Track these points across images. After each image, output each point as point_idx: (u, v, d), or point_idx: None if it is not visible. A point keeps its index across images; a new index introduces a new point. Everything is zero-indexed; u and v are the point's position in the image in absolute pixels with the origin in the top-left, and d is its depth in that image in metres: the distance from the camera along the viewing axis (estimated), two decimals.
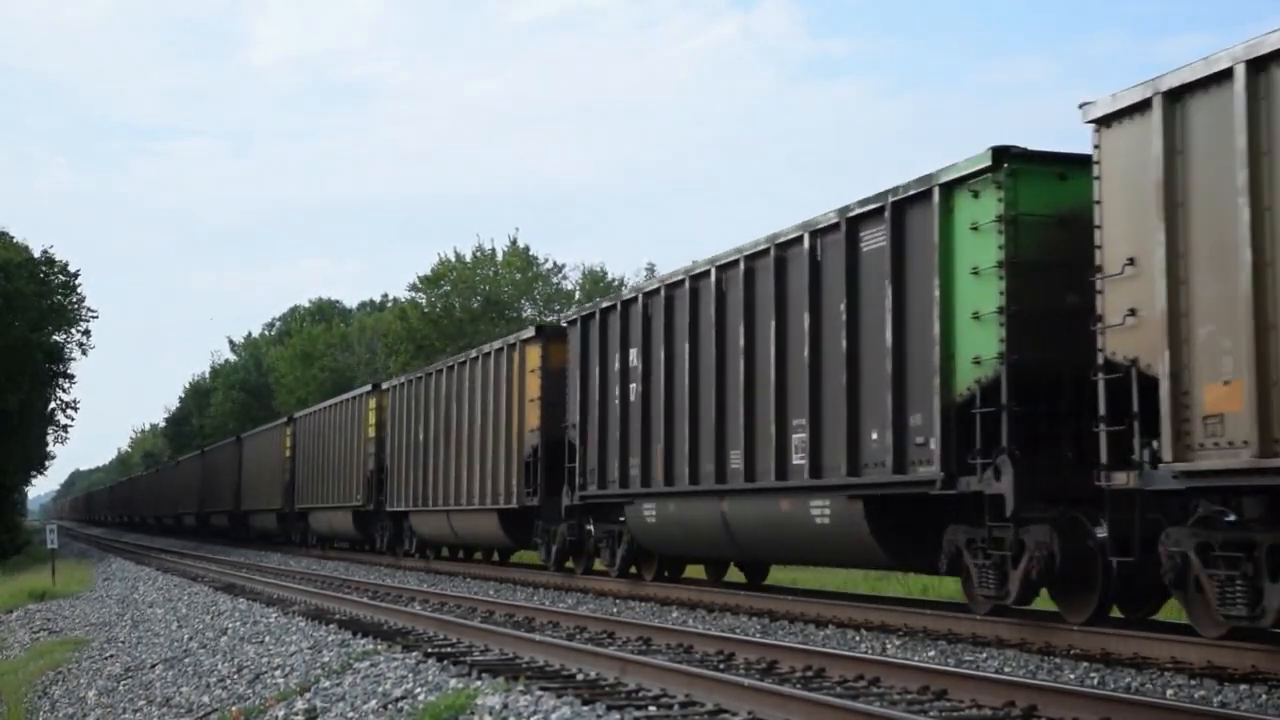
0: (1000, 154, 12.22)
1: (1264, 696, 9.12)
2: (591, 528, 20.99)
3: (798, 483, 14.78)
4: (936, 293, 12.73)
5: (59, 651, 17.83)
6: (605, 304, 20.38)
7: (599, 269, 55.20)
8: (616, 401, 19.47)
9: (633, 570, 20.31)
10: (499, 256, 53.91)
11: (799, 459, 14.84)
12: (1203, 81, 10.12)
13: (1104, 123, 11.15)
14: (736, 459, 16.07)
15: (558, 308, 51.38)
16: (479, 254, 53.88)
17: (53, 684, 15.58)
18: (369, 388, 34.00)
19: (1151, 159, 10.49)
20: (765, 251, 15.71)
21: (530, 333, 23.28)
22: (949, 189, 12.77)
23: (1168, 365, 10.40)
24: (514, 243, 54.21)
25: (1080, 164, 11.81)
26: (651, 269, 50.77)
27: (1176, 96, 10.38)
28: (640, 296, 18.86)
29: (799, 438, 14.88)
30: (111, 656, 16.24)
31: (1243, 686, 9.42)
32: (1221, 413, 10.05)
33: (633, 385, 19.02)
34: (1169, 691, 9.40)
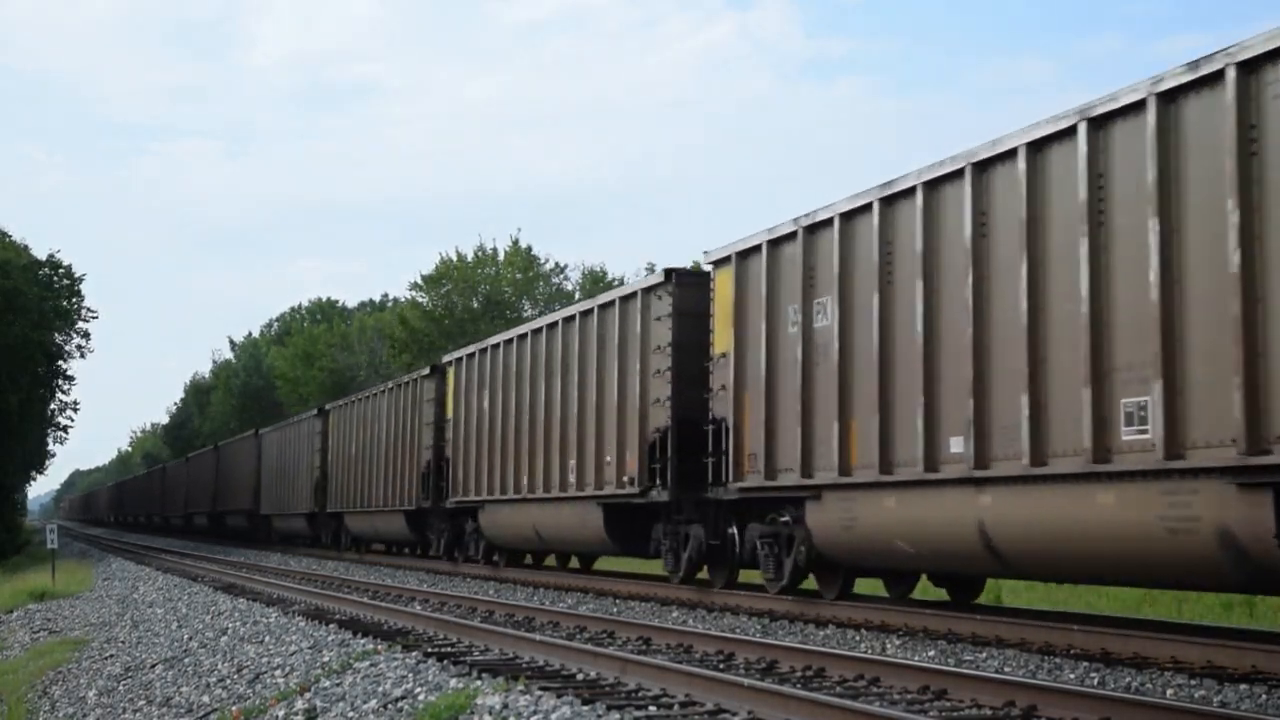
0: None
1: (1264, 696, 9.12)
2: None
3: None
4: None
5: (59, 651, 17.83)
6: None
7: (599, 269, 55.27)
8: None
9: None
10: (500, 256, 53.97)
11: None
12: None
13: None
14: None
15: (558, 307, 51.42)
16: (480, 254, 53.93)
17: (53, 684, 15.58)
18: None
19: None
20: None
21: None
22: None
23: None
24: (515, 242, 54.30)
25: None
26: (651, 268, 50.80)
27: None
28: None
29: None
30: (111, 656, 16.24)
31: (1243, 686, 9.42)
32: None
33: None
34: (1169, 691, 9.40)
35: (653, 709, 8.24)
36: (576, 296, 52.45)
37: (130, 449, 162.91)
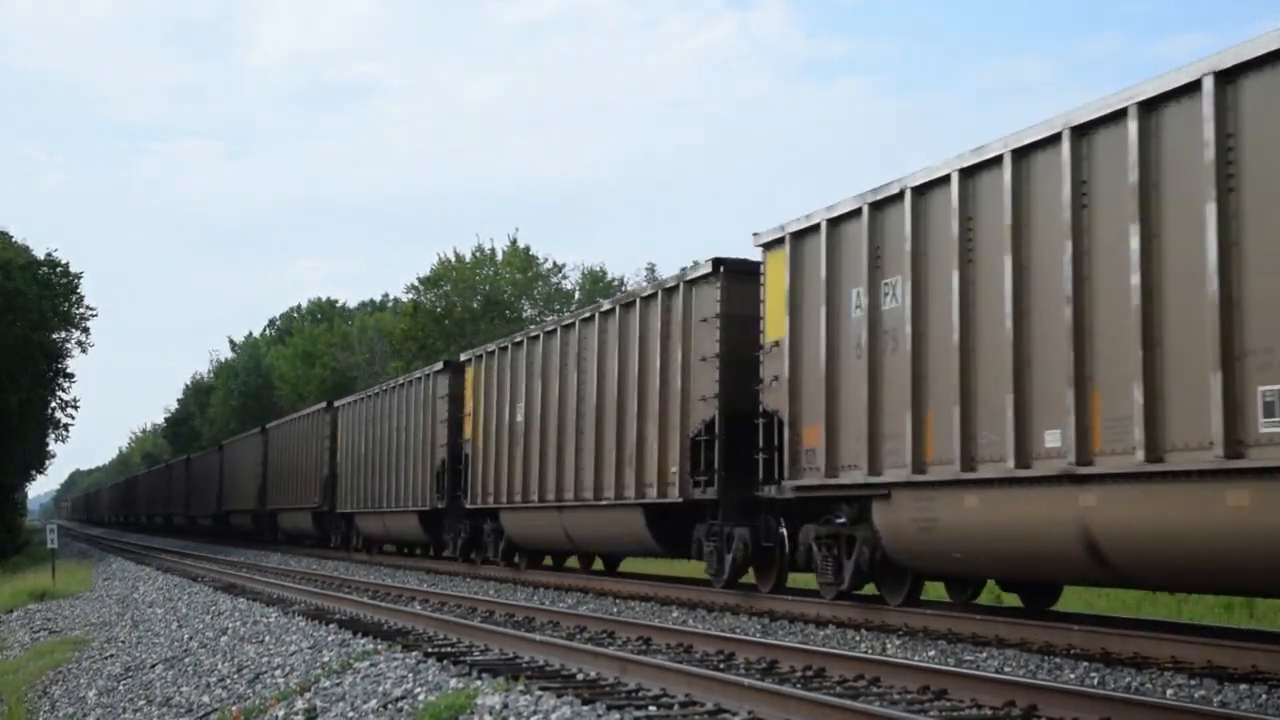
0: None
1: (1264, 696, 9.12)
2: None
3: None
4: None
5: (59, 651, 17.83)
6: None
7: (599, 269, 55.27)
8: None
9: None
10: (499, 256, 53.96)
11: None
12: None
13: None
14: None
15: (558, 307, 51.39)
16: (479, 254, 53.93)
17: (53, 684, 15.58)
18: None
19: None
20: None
21: None
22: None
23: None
24: (514, 243, 54.30)
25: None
26: (651, 269, 50.77)
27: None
28: None
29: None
30: (111, 656, 16.25)
31: (1243, 686, 9.42)
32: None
33: None
34: (1169, 691, 9.40)
35: (653, 709, 8.24)
36: (576, 296, 52.44)
37: (130, 449, 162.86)
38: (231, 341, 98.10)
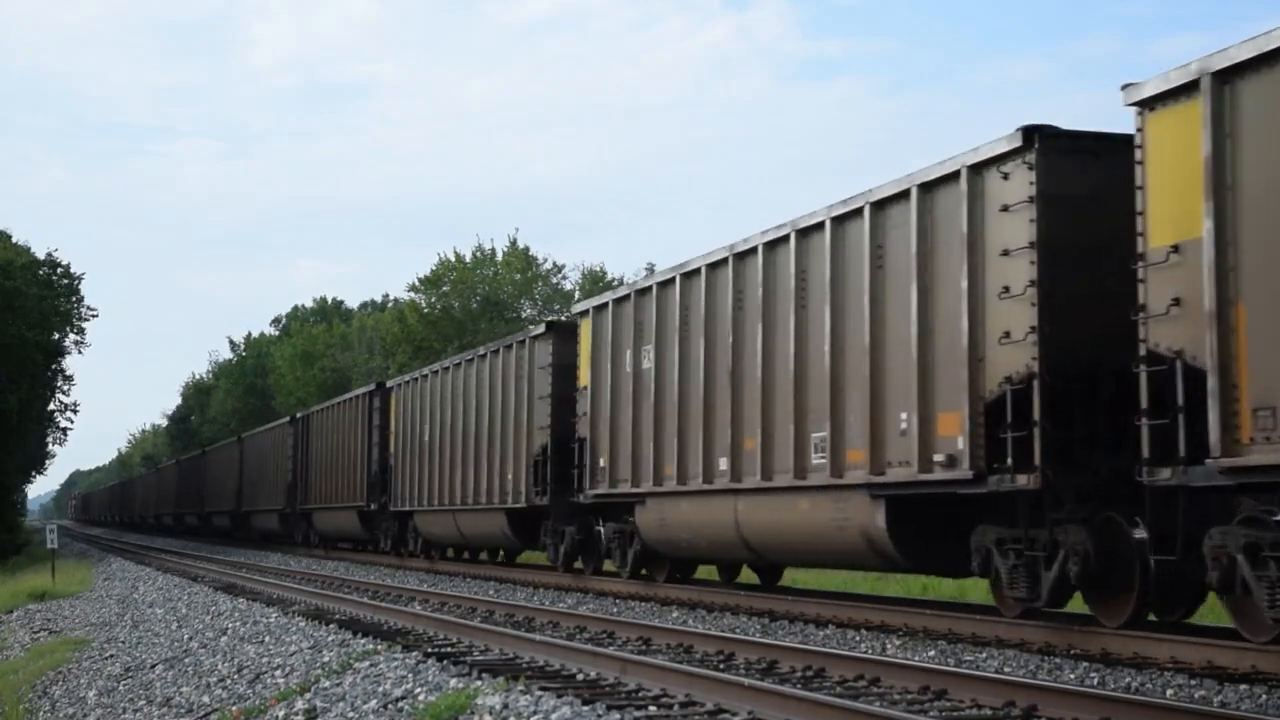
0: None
1: (1264, 696, 9.12)
2: None
3: None
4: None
5: (59, 651, 17.82)
6: None
7: (598, 269, 55.24)
8: None
9: None
10: (499, 257, 53.94)
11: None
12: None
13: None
14: None
15: (557, 307, 51.36)
16: (478, 254, 53.90)
17: (53, 684, 15.57)
18: None
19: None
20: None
21: None
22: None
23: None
24: (514, 243, 54.27)
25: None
26: (651, 269, 50.73)
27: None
28: None
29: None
30: (111, 656, 16.24)
31: (1243, 686, 9.42)
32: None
33: None
34: (1169, 691, 9.40)
35: (653, 709, 8.24)
36: (576, 296, 52.40)
37: (130, 449, 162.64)
38: (231, 342, 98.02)
